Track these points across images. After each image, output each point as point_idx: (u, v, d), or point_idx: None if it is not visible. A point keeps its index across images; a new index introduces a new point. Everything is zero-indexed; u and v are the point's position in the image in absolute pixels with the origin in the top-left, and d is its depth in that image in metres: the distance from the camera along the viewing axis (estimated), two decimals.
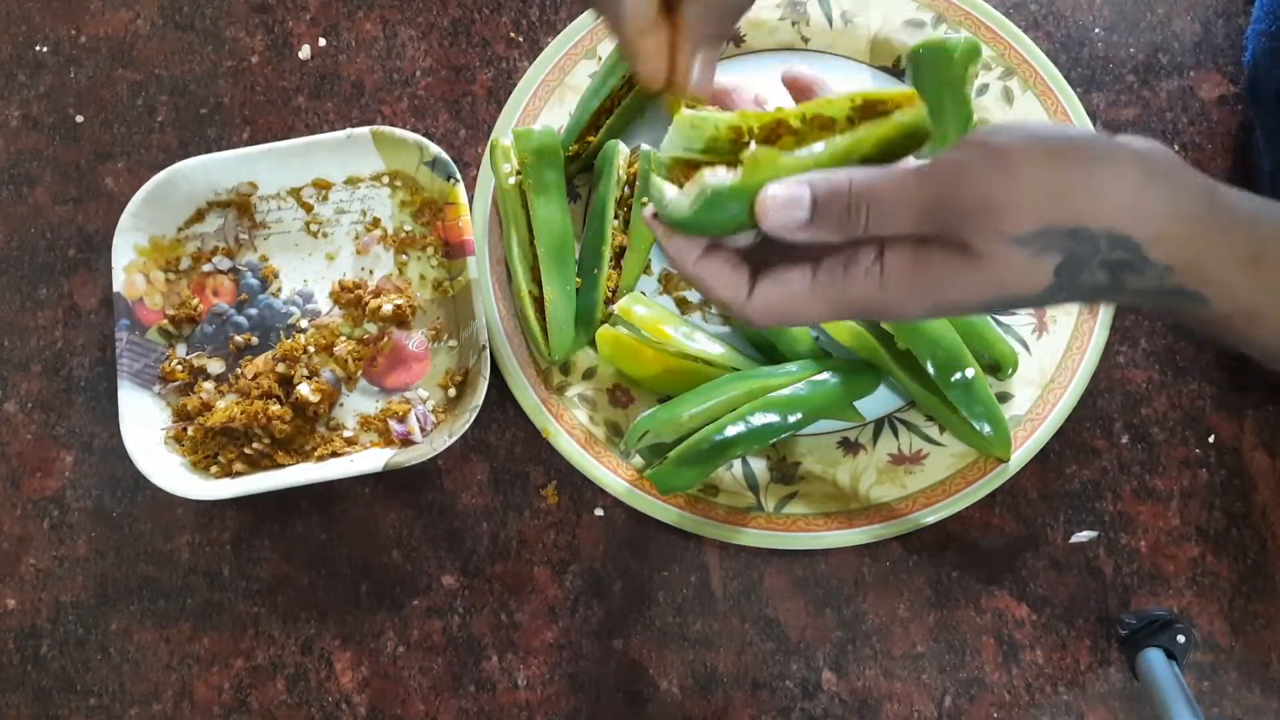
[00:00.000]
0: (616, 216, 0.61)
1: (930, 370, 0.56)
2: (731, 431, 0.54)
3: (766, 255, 0.40)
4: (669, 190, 0.39)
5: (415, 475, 0.59)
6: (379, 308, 0.60)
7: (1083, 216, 0.34)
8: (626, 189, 0.61)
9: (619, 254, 0.61)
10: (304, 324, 0.62)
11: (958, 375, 0.55)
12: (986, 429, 0.56)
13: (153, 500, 0.58)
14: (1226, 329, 0.38)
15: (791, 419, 0.55)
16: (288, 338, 0.61)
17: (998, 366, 0.58)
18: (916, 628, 0.58)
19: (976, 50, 0.60)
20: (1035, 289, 0.36)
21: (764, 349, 0.60)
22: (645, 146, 0.61)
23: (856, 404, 0.58)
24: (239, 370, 0.60)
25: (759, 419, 0.55)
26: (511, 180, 0.60)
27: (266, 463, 0.59)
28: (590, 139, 0.62)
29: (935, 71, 0.60)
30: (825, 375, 0.56)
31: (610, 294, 0.60)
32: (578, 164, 0.63)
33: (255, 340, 0.62)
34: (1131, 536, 0.59)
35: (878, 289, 0.37)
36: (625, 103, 0.62)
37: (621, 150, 0.61)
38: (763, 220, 0.38)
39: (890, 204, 0.36)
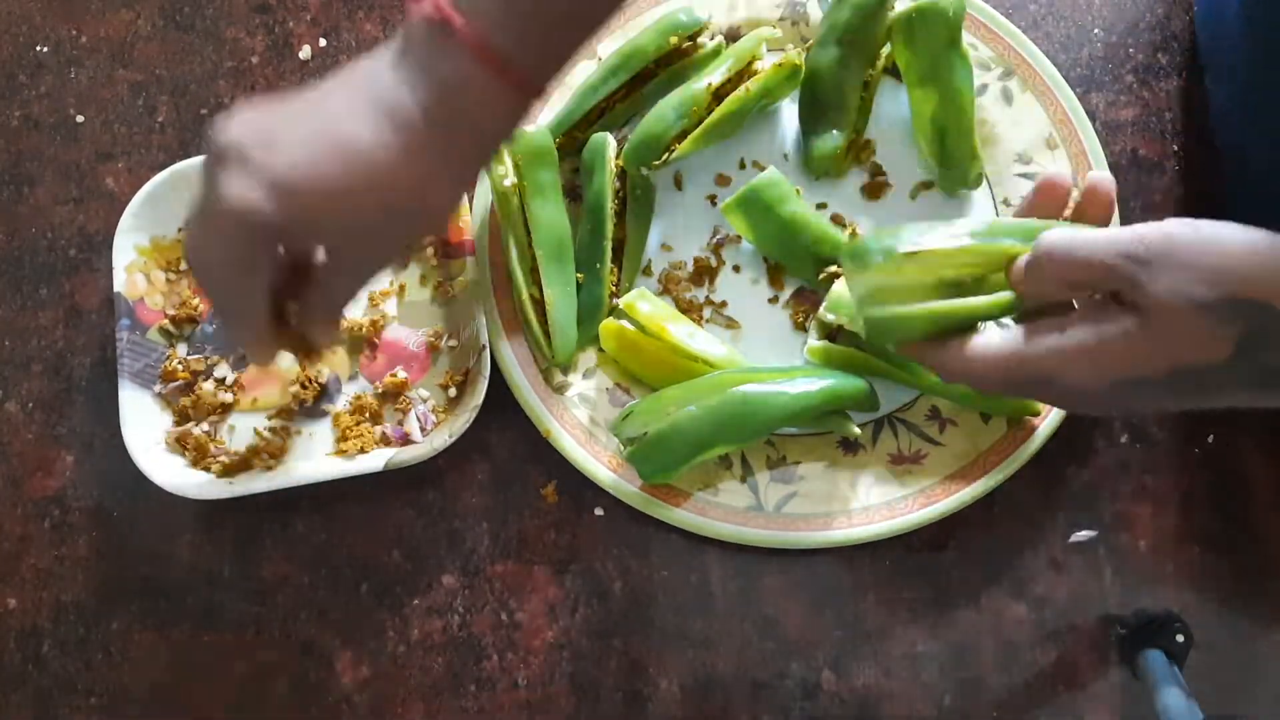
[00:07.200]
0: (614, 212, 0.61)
1: None
2: (707, 419, 0.54)
3: None
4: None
5: (415, 475, 0.59)
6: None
7: (1264, 293, 0.35)
8: (617, 181, 0.61)
9: (619, 248, 0.61)
10: None
11: None
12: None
13: (153, 500, 0.58)
14: None
15: (771, 415, 0.55)
16: None
17: None
18: (916, 628, 0.58)
19: (963, 3, 0.59)
20: (1215, 358, 0.36)
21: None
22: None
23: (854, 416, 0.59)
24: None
25: (735, 409, 0.55)
26: (506, 182, 0.59)
27: (268, 461, 0.59)
28: (578, 135, 0.62)
29: (931, 32, 0.58)
30: (813, 379, 0.56)
31: (613, 288, 0.61)
32: (560, 156, 0.62)
33: None
34: (1131, 536, 0.59)
35: (1055, 350, 0.39)
36: (621, 105, 0.62)
37: (610, 143, 0.61)
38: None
39: (1071, 261, 0.39)
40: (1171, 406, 0.40)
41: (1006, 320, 0.43)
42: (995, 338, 0.41)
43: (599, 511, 0.59)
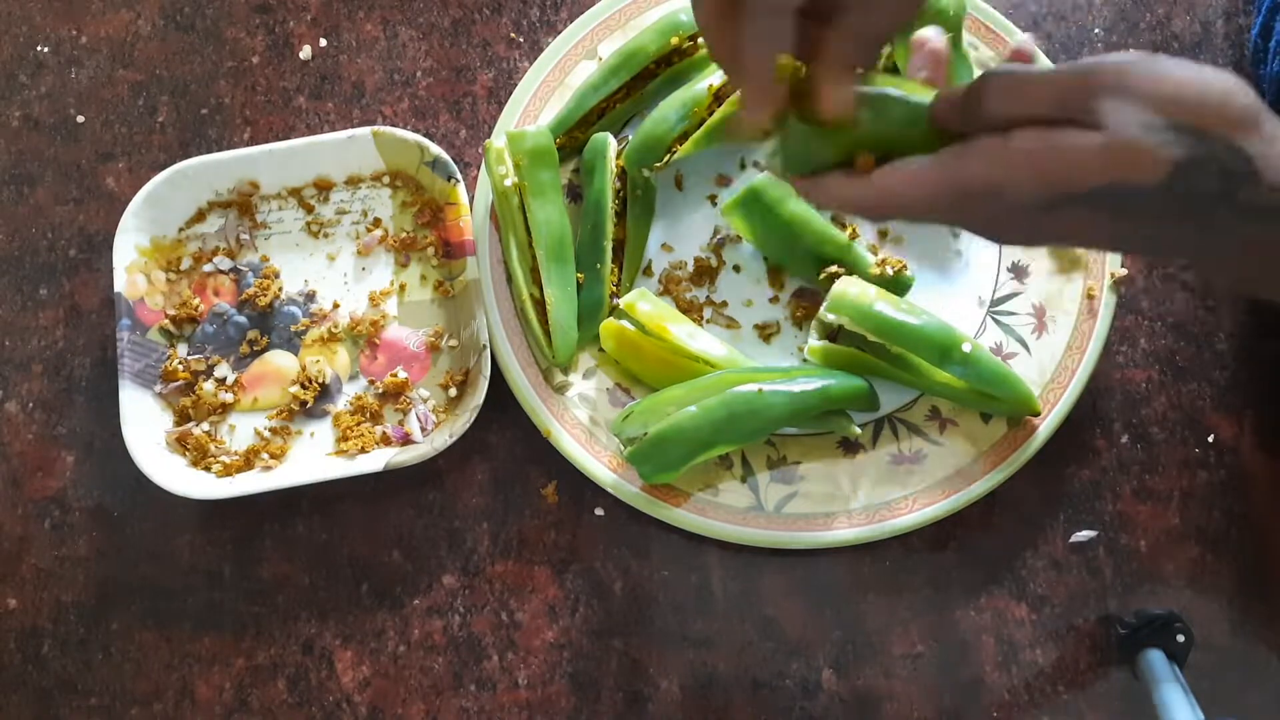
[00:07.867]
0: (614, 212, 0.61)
1: (929, 359, 0.56)
2: (707, 419, 0.54)
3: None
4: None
5: (415, 475, 0.59)
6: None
7: (1209, 123, 0.37)
8: (617, 181, 0.61)
9: (619, 248, 0.61)
10: (316, 330, 0.62)
11: (957, 354, 0.55)
12: (1005, 393, 0.56)
13: (153, 500, 0.58)
14: None
15: (771, 415, 0.55)
16: (297, 337, 0.62)
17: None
18: (916, 628, 0.58)
19: (964, 3, 0.60)
20: (1151, 179, 0.37)
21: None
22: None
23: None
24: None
25: (735, 409, 0.55)
26: (507, 182, 0.59)
27: (268, 461, 0.59)
28: (579, 135, 0.62)
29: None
30: (814, 379, 0.56)
31: (614, 288, 0.61)
32: (560, 156, 0.62)
33: (266, 340, 0.62)
34: (1131, 536, 0.59)
35: (998, 157, 0.38)
36: (621, 106, 0.62)
37: (611, 143, 0.61)
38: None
39: (1022, 83, 0.38)
40: (1090, 236, 0.41)
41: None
42: (920, 158, 0.40)
43: (599, 511, 0.60)
